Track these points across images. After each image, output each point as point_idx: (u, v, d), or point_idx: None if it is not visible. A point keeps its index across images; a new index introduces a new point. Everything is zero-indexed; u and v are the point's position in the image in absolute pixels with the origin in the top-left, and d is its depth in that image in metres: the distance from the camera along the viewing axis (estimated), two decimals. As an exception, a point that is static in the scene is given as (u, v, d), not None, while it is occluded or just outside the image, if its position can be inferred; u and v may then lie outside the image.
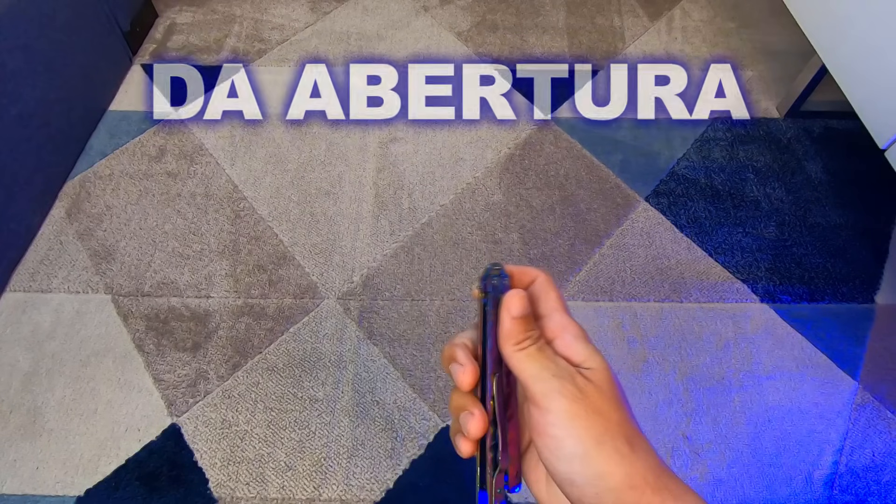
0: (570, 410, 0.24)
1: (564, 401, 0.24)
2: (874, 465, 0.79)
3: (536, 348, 0.26)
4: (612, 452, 0.23)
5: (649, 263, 0.97)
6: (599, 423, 0.24)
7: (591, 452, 0.23)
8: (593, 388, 0.25)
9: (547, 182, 1.07)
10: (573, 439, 0.23)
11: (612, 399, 0.25)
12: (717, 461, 0.79)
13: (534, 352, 0.26)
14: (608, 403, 0.24)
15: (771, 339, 0.89)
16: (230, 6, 1.37)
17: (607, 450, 0.23)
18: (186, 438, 0.80)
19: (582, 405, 0.24)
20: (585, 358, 0.26)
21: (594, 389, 0.24)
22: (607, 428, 0.24)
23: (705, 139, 1.14)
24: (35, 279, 0.94)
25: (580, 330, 0.27)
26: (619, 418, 0.24)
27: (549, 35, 1.32)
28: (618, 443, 0.23)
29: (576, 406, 0.24)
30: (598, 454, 0.23)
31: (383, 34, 1.32)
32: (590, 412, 0.24)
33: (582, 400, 0.24)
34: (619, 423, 0.24)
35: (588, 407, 0.24)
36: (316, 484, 0.77)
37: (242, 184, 1.06)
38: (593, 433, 0.23)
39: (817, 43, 0.96)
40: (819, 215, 1.03)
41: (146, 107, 1.18)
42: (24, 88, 0.94)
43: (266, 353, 0.87)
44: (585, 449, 0.23)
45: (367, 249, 0.98)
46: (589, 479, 0.23)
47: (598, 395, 0.24)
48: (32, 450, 0.79)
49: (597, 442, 0.23)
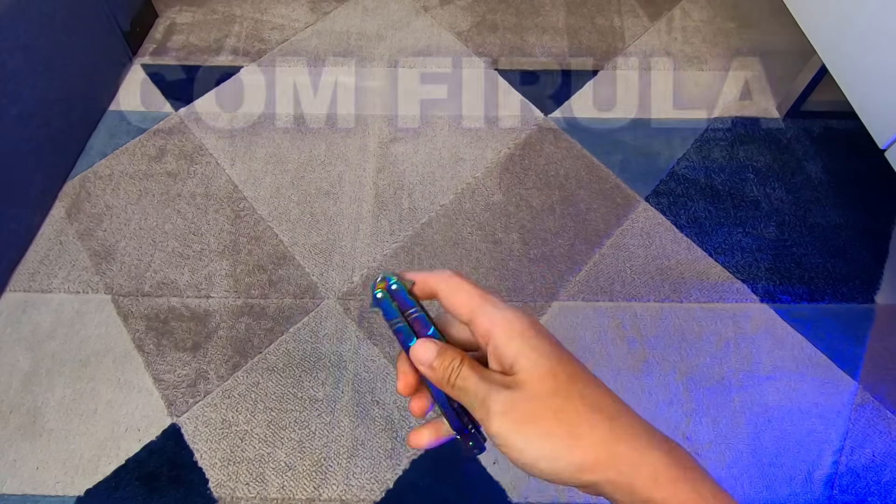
0: (506, 429, 0.25)
1: (497, 422, 0.25)
2: (874, 465, 0.79)
3: (461, 378, 0.27)
4: (553, 450, 0.25)
5: (649, 263, 0.97)
6: (536, 427, 0.25)
7: (537, 454, 0.25)
8: (522, 395, 0.25)
9: (547, 182, 1.07)
10: (518, 452, 0.25)
11: (543, 395, 0.25)
12: (717, 461, 0.79)
13: (461, 383, 0.27)
14: (539, 403, 0.25)
15: (771, 339, 0.89)
16: (230, 6, 1.37)
17: (551, 446, 0.25)
18: (186, 438, 0.80)
19: (514, 419, 0.25)
20: (514, 357, 0.26)
21: (523, 396, 0.25)
22: (544, 429, 0.25)
23: (705, 139, 1.14)
24: (35, 279, 0.94)
25: (504, 320, 0.27)
26: (554, 410, 0.25)
27: (549, 35, 1.32)
28: (556, 439, 0.25)
29: (508, 423, 0.25)
30: (544, 453, 0.25)
31: (383, 34, 1.32)
32: (522, 422, 0.25)
33: (512, 414, 0.25)
34: (556, 415, 0.25)
35: (522, 416, 0.25)
36: (316, 484, 0.77)
37: (242, 184, 1.06)
38: (534, 438, 0.25)
39: (817, 43, 0.96)
40: (819, 215, 1.03)
41: (146, 107, 1.18)
42: (23, 88, 0.94)
43: (266, 353, 0.87)
44: (532, 453, 0.25)
45: (367, 249, 0.98)
46: (548, 476, 0.25)
47: (527, 400, 0.25)
48: (32, 450, 0.79)
49: (540, 443, 0.25)
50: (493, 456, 0.79)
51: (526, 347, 0.26)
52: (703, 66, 1.26)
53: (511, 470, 0.78)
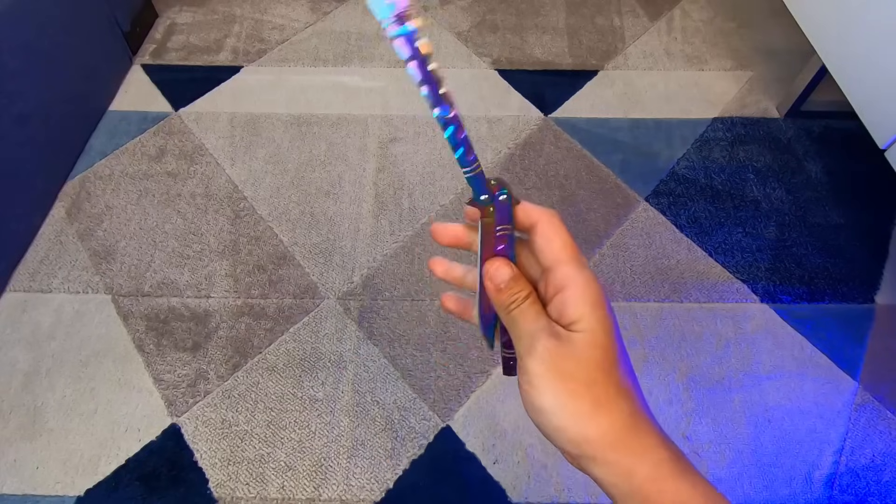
0: (539, 372, 0.26)
1: (535, 363, 0.26)
2: (874, 465, 0.79)
3: (519, 311, 0.27)
4: (573, 413, 0.25)
5: (649, 263, 0.97)
6: (568, 383, 0.25)
7: (555, 406, 0.26)
8: (569, 350, 0.26)
9: (547, 182, 1.07)
10: (539, 397, 0.26)
11: (587, 361, 0.26)
12: (717, 461, 0.79)
13: (516, 315, 0.28)
14: (581, 365, 0.26)
15: (771, 339, 0.89)
16: (230, 6, 1.37)
17: (569, 411, 0.25)
18: (186, 438, 0.80)
19: (551, 367, 0.26)
20: (577, 319, 0.26)
21: (570, 351, 0.26)
22: (574, 390, 0.25)
23: (705, 139, 1.14)
24: (35, 279, 0.94)
25: (584, 283, 0.27)
26: (589, 379, 0.26)
27: (549, 35, 1.32)
28: (581, 404, 0.25)
29: (544, 368, 0.26)
30: (563, 409, 0.25)
31: (383, 34, 1.31)
32: (557, 375, 0.26)
33: (551, 362, 0.26)
34: (590, 382, 0.25)
35: (560, 367, 0.26)
36: (316, 484, 0.77)
37: (242, 184, 1.06)
38: (562, 391, 0.26)
39: (817, 43, 0.96)
40: (819, 215, 1.03)
41: (146, 107, 1.18)
42: (24, 88, 0.94)
43: (266, 353, 0.87)
44: (551, 403, 0.26)
45: (367, 249, 0.98)
46: (550, 431, 0.26)
47: (571, 357, 0.26)
48: (32, 450, 0.79)
49: (563, 399, 0.25)
50: (493, 456, 0.79)
51: (593, 314, 0.26)
52: (703, 66, 1.26)
53: (511, 470, 0.78)
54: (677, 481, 0.25)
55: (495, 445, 0.80)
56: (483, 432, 0.80)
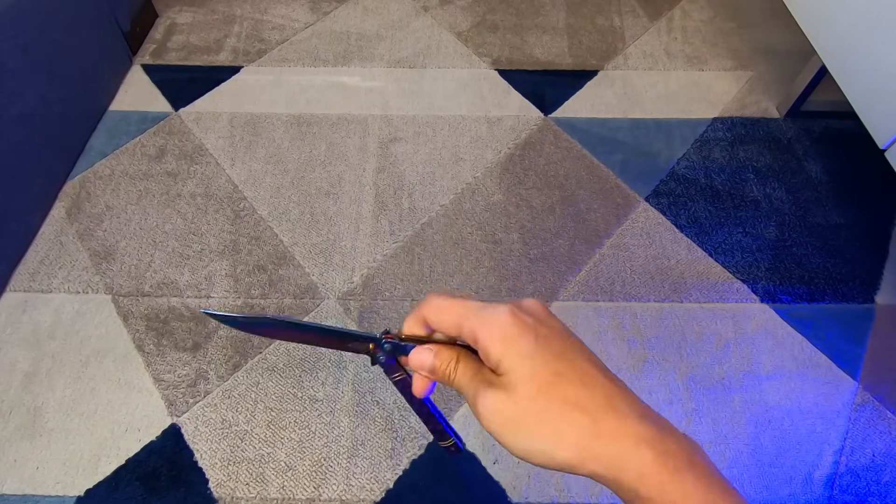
0: (494, 427, 0.27)
1: (485, 421, 0.27)
2: (874, 465, 0.79)
3: (458, 377, 0.29)
4: (543, 447, 0.26)
5: (649, 263, 0.97)
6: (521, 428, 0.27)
7: (525, 452, 0.27)
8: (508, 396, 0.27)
9: (547, 182, 1.07)
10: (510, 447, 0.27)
11: (529, 397, 0.27)
12: (718, 461, 0.79)
13: (458, 382, 0.29)
14: (525, 404, 0.27)
15: (771, 340, 0.89)
16: (230, 6, 1.37)
17: (538, 446, 0.26)
18: (186, 438, 0.80)
19: (502, 420, 0.27)
20: (496, 365, 0.28)
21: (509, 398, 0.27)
22: (530, 430, 0.26)
23: (705, 139, 1.14)
24: (35, 279, 0.94)
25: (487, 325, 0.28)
26: (539, 410, 0.26)
27: (549, 35, 1.32)
28: (542, 438, 0.26)
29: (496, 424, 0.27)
30: (532, 452, 0.27)
31: (383, 34, 1.32)
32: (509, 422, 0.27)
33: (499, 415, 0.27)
34: (539, 417, 0.26)
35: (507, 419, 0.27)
36: (316, 484, 0.77)
37: (242, 184, 1.06)
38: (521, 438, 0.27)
39: (817, 43, 0.96)
40: (819, 215, 1.03)
41: (146, 107, 1.18)
42: (24, 88, 0.94)
43: (266, 352, 0.87)
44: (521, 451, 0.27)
45: (367, 249, 0.98)
46: (539, 466, 0.27)
47: (513, 402, 0.27)
48: (32, 450, 0.79)
49: (526, 443, 0.27)
50: (493, 456, 0.79)
51: (509, 351, 0.27)
52: (704, 66, 1.26)
53: (511, 470, 0.78)
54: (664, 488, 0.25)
55: (495, 445, 0.80)
56: (483, 432, 0.80)
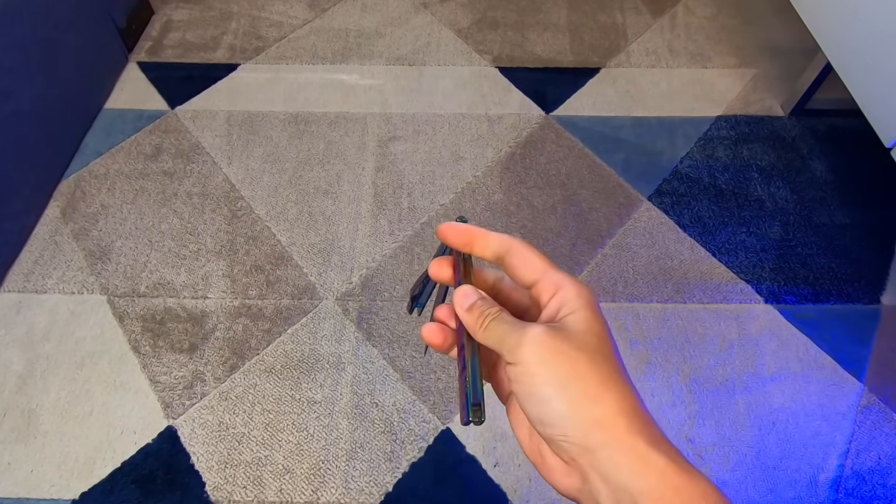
0: (534, 359, 0.25)
1: (529, 350, 0.25)
2: (880, 467, 0.78)
3: (496, 322, 0.27)
4: (578, 394, 0.24)
5: (652, 263, 0.96)
6: (565, 368, 0.24)
7: (558, 395, 0.24)
8: (564, 333, 0.25)
9: (548, 181, 1.06)
10: (539, 385, 0.24)
11: (585, 342, 0.25)
12: (721, 464, 0.78)
13: (493, 324, 0.27)
14: (579, 346, 0.25)
15: (775, 341, 0.88)
16: (227, 3, 1.36)
17: (574, 392, 0.24)
18: (183, 441, 0.79)
19: (548, 350, 0.25)
20: (559, 308, 0.26)
21: (564, 335, 0.25)
22: (575, 370, 0.24)
23: (709, 138, 1.12)
24: (30, 279, 0.93)
25: (576, 284, 0.27)
26: (589, 361, 0.25)
27: (550, 32, 1.31)
28: (586, 385, 0.24)
29: (539, 351, 0.25)
30: (565, 396, 0.24)
31: (382, 31, 1.30)
32: (555, 357, 0.24)
33: (547, 345, 0.25)
34: (589, 366, 0.24)
35: (554, 351, 0.25)
36: (314, 487, 0.76)
37: (240, 183, 1.05)
38: (558, 377, 0.24)
39: (822, 40, 0.95)
40: (824, 215, 1.02)
41: (142, 105, 1.16)
42: (18, 86, 0.93)
43: (264, 354, 0.86)
44: (551, 393, 0.24)
45: (366, 249, 0.97)
46: (556, 419, 0.24)
47: (567, 339, 0.25)
48: (27, 452, 0.78)
49: (562, 386, 0.24)
50: (493, 459, 0.78)
51: (587, 308, 0.26)
52: (707, 64, 1.25)
53: (512, 473, 0.77)
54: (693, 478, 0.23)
55: (496, 448, 0.79)
56: (483, 435, 0.79)
